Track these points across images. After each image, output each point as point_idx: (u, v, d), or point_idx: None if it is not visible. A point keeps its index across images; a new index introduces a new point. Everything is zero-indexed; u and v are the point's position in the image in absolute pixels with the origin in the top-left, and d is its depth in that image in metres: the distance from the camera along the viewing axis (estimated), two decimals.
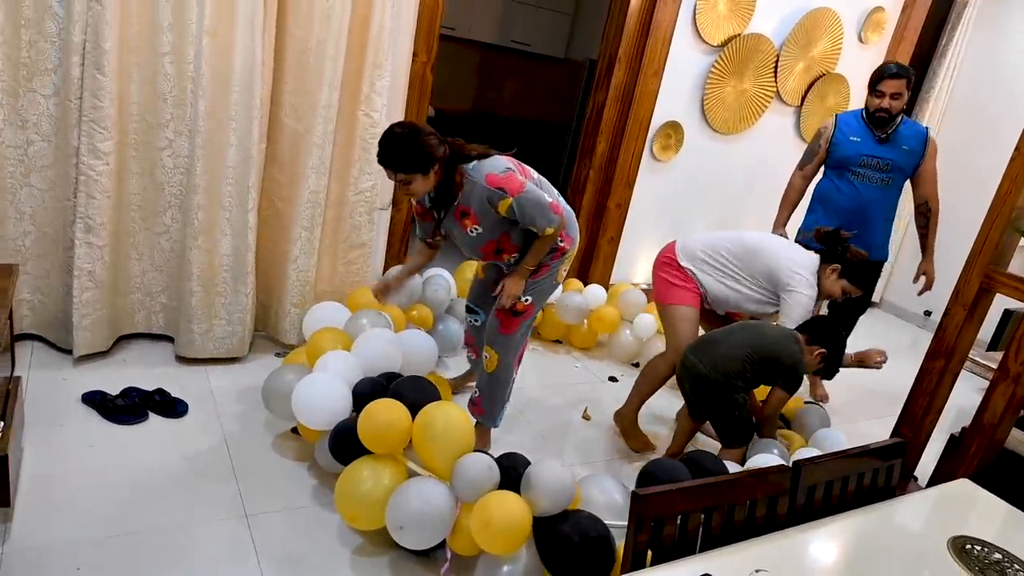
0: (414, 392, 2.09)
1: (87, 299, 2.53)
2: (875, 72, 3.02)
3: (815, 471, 1.83)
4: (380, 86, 2.81)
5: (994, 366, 3.41)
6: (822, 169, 3.25)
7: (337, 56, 2.65)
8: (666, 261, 2.76)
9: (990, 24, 4.86)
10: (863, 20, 4.18)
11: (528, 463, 1.97)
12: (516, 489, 1.87)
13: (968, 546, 1.51)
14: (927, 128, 3.11)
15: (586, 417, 2.96)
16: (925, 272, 3.21)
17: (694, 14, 3.57)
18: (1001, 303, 4.30)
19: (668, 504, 1.58)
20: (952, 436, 2.81)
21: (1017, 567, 1.49)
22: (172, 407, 2.44)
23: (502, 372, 2.42)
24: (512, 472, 1.89)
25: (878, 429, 3.24)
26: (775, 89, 4.04)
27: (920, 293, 3.30)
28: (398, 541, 1.85)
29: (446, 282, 3.16)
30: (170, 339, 2.85)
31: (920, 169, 3.05)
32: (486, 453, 1.95)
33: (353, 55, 2.74)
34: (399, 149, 2.06)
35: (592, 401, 3.09)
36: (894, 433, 2.85)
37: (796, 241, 3.30)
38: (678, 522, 1.56)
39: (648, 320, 3.48)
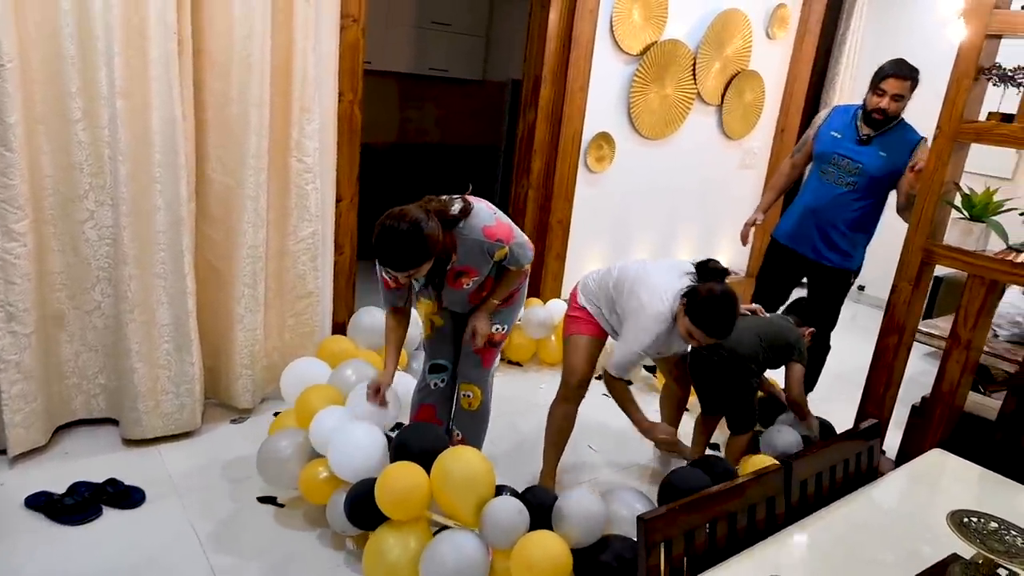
0: (420, 441, 2.01)
1: (17, 392, 2.33)
2: (878, 70, 2.79)
3: (805, 465, 1.85)
4: (310, 130, 2.72)
5: (934, 332, 3.57)
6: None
7: (261, 104, 2.55)
8: (571, 299, 2.56)
9: (887, 7, 5.14)
10: (769, 17, 4.33)
11: (552, 496, 1.97)
12: (544, 525, 1.86)
13: (966, 519, 1.53)
14: (922, 137, 2.81)
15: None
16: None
17: (611, 25, 3.61)
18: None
19: (673, 522, 1.55)
20: (913, 407, 2.90)
21: (1015, 532, 1.52)
22: (127, 497, 2.26)
23: (485, 407, 2.39)
24: (539, 508, 1.87)
25: (834, 408, 3.30)
26: (696, 91, 4.13)
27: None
28: None
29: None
30: (114, 422, 2.65)
31: (903, 178, 2.81)
32: (512, 494, 1.90)
33: (278, 101, 2.64)
34: (407, 249, 1.85)
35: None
36: (859, 413, 2.92)
37: (772, 237, 3.23)
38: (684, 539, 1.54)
39: None
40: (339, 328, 3.20)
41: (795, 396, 2.65)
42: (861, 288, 5.75)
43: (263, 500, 2.34)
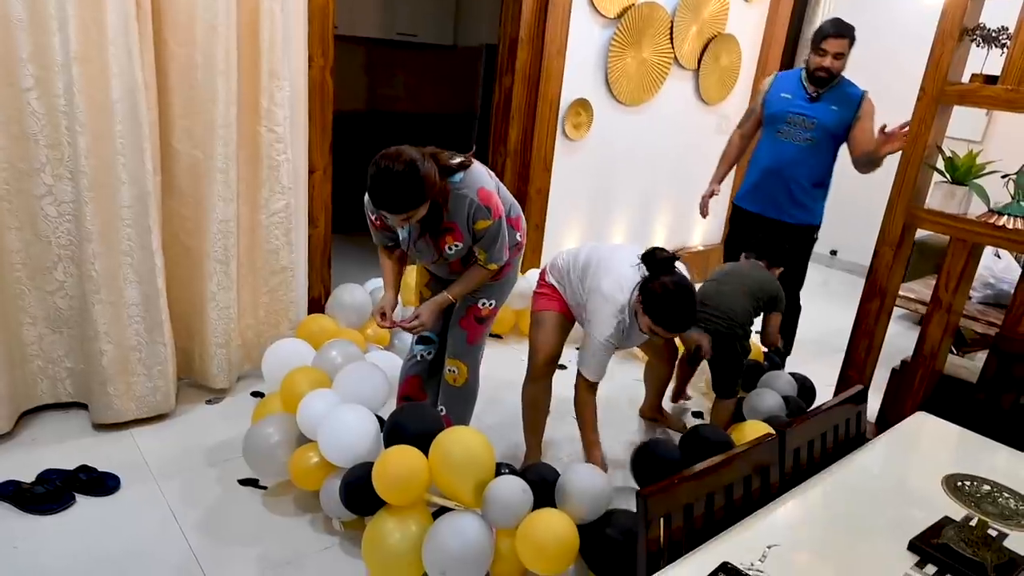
0: (415, 422, 1.95)
1: None
2: (817, 31, 2.93)
3: (798, 433, 1.84)
4: (280, 98, 2.59)
5: (910, 295, 3.60)
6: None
7: (228, 70, 2.42)
8: (540, 275, 2.48)
9: None
10: None
11: (553, 472, 1.94)
12: (546, 501, 1.84)
13: (960, 483, 1.54)
14: (864, 91, 2.98)
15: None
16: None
17: None
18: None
19: (674, 497, 1.53)
20: (893, 370, 2.93)
21: (1007, 494, 1.53)
22: (101, 484, 2.17)
23: (471, 383, 2.32)
24: (541, 485, 1.84)
25: (811, 371, 3.32)
26: (673, 55, 4.06)
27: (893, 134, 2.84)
28: None
29: None
30: (83, 406, 2.55)
31: (854, 131, 2.95)
32: (511, 472, 1.87)
33: (246, 67, 2.51)
34: (403, 190, 1.78)
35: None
36: (841, 376, 2.94)
37: (734, 204, 3.30)
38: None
39: None
40: (315, 304, 3.11)
41: (770, 342, 2.75)
42: (833, 253, 5.81)
43: (244, 483, 2.27)
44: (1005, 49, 2.39)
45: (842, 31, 2.86)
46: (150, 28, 2.28)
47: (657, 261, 2.04)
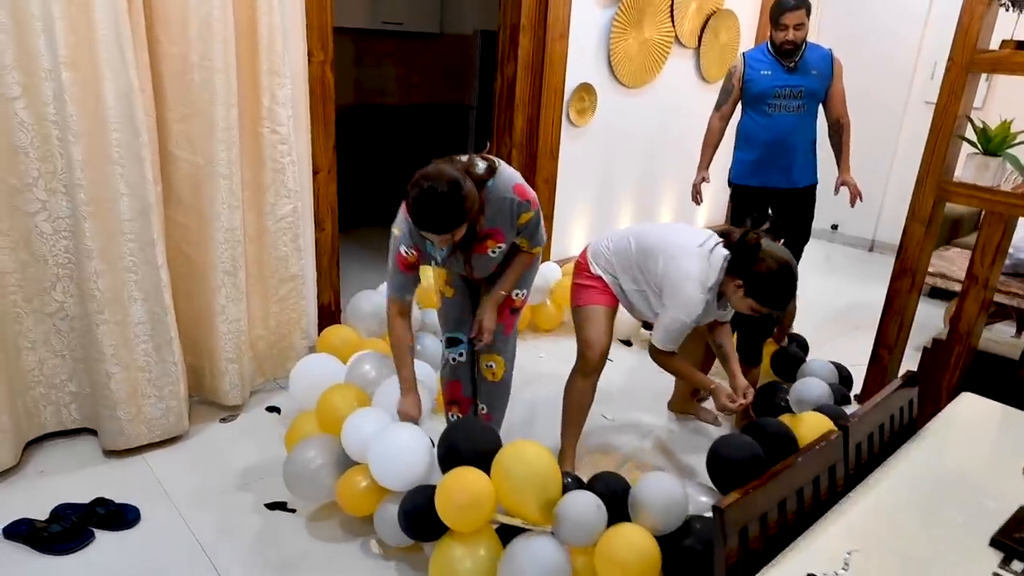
0: (470, 441, 1.83)
1: None
2: (773, 7, 3.01)
3: (861, 427, 1.76)
4: (282, 96, 2.45)
5: (931, 271, 3.54)
6: (739, 108, 3.23)
7: (227, 69, 2.27)
8: (579, 267, 2.40)
9: None
10: None
11: (621, 482, 1.85)
12: (617, 513, 1.75)
13: None
14: (830, 50, 3.12)
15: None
16: (845, 182, 3.20)
17: None
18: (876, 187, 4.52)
19: (751, 506, 1.44)
20: (925, 348, 2.87)
21: None
22: (120, 517, 2.04)
23: (508, 376, 2.28)
24: (611, 498, 1.76)
25: (825, 351, 3.27)
26: (673, 34, 3.95)
27: (852, 203, 3.21)
28: None
29: None
30: (91, 432, 2.41)
31: (830, 91, 3.09)
32: (577, 484, 1.80)
33: (245, 65, 2.36)
34: (449, 210, 1.74)
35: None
36: (873, 357, 2.87)
37: (730, 183, 3.31)
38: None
39: None
40: (325, 311, 2.98)
41: (789, 322, 2.82)
42: (834, 227, 5.76)
43: (272, 507, 2.15)
44: None
45: (798, 3, 2.95)
46: (143, 26, 2.13)
47: (749, 246, 2.03)
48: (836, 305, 4.09)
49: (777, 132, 3.12)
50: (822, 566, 1.33)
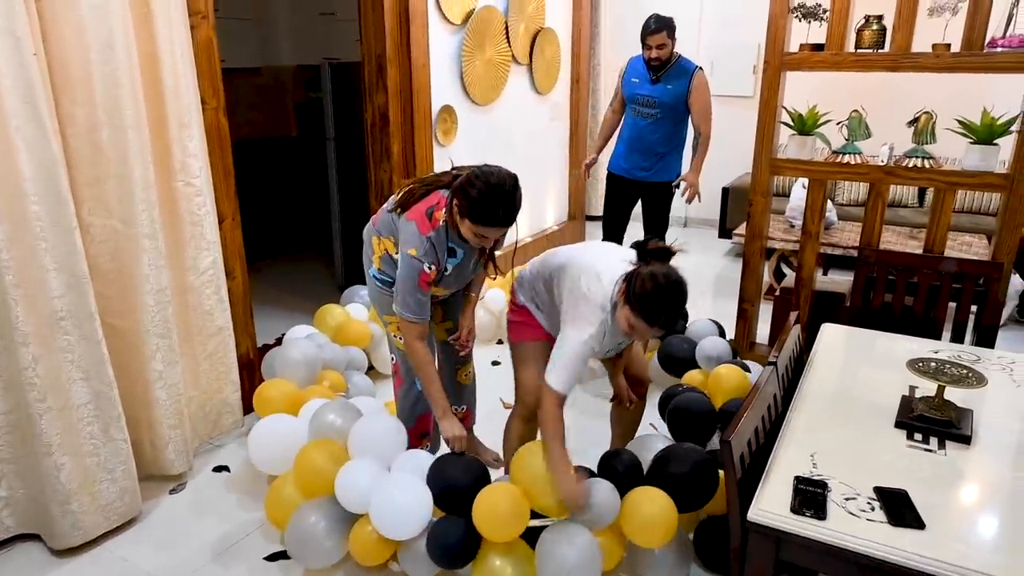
0: (463, 473, 1.96)
1: None
2: (643, 27, 3.40)
3: (781, 361, 2.21)
4: (192, 147, 2.38)
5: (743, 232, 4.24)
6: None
7: (139, 124, 2.17)
8: (510, 299, 2.23)
9: None
10: None
11: (631, 456, 2.06)
12: (630, 482, 1.96)
13: (918, 364, 1.97)
14: (696, 67, 3.47)
15: (507, 406, 3.00)
16: (684, 178, 3.66)
17: None
18: (718, 184, 5.30)
19: (743, 434, 1.78)
20: (775, 297, 3.49)
21: (949, 366, 1.98)
22: None
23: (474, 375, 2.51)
24: (624, 473, 1.98)
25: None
26: (510, 53, 4.30)
27: (688, 200, 3.61)
28: None
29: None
30: (31, 537, 2.17)
31: (688, 103, 3.49)
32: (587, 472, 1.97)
33: (153, 118, 2.27)
34: (516, 203, 1.93)
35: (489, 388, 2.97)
36: (739, 313, 3.43)
37: (609, 171, 3.76)
38: None
39: (498, 294, 3.64)
40: (244, 361, 2.89)
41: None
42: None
43: (272, 558, 2.12)
44: (823, 22, 2.96)
45: (660, 26, 3.37)
46: (50, 91, 1.98)
47: (650, 250, 1.81)
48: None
49: (638, 132, 3.63)
50: (800, 468, 1.71)
